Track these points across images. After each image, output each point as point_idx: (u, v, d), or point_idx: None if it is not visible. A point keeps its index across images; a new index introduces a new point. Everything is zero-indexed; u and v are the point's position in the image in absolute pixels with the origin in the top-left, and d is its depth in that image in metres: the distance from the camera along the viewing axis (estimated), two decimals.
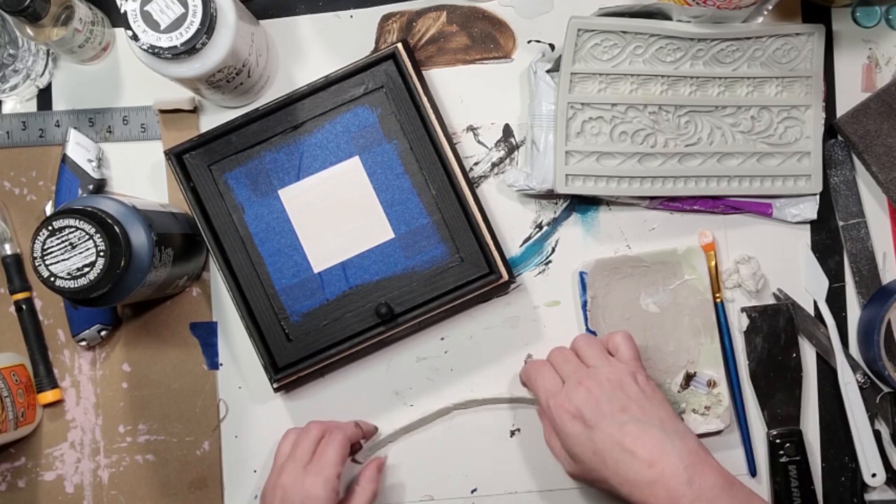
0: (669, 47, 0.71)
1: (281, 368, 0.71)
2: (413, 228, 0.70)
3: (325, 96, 0.71)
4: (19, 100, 0.77)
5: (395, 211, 0.71)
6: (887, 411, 0.73)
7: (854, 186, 0.75)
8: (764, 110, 0.73)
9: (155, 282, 0.65)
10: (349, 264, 0.70)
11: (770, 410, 0.73)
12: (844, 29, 0.76)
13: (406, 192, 0.70)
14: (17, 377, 0.73)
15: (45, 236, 0.60)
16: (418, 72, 0.71)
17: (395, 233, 0.70)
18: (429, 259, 0.70)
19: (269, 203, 0.71)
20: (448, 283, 0.70)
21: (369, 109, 0.71)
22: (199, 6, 0.62)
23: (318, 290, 0.70)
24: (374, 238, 0.70)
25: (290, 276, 0.71)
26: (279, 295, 0.71)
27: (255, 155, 0.71)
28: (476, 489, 0.74)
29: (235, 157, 0.71)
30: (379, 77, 0.71)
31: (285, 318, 0.71)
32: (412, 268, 0.70)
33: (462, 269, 0.70)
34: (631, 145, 0.72)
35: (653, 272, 0.74)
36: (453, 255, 0.70)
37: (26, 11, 0.65)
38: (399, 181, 0.70)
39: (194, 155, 0.71)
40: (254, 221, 0.71)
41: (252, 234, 0.71)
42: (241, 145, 0.71)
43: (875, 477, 0.72)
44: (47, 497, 0.75)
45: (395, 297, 0.70)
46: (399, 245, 0.70)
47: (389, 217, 0.70)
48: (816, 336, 0.74)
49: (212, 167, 0.71)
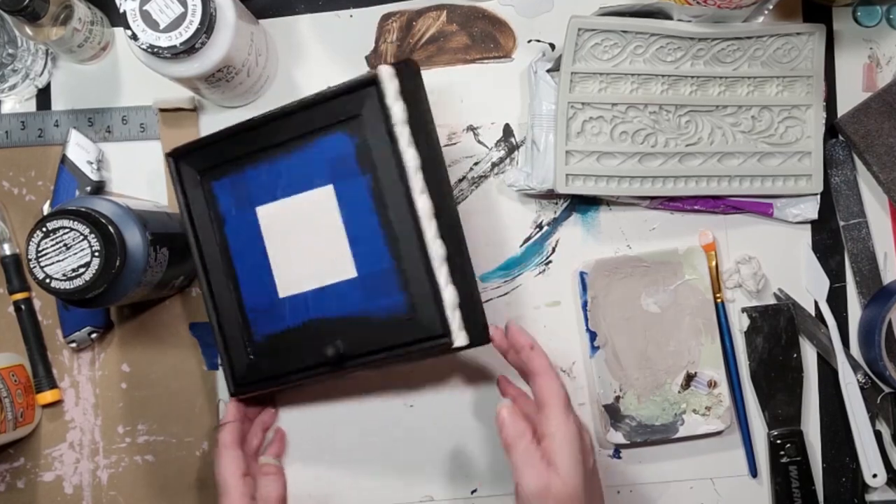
0: (670, 47, 0.71)
1: (240, 384, 0.69)
2: (375, 271, 0.64)
3: (310, 116, 0.65)
4: (18, 99, 0.76)
5: (361, 249, 0.65)
6: (888, 412, 0.73)
7: (855, 186, 0.75)
8: (765, 110, 0.73)
9: (151, 282, 0.65)
10: (312, 295, 0.66)
11: (771, 411, 0.73)
12: (845, 28, 0.76)
13: (373, 231, 0.64)
14: (16, 377, 0.72)
15: (40, 238, 0.60)
16: (413, 96, 0.63)
17: (358, 272, 0.65)
18: (385, 307, 0.64)
19: (247, 219, 0.67)
20: (400, 336, 0.64)
21: (348, 137, 0.64)
22: (199, 5, 0.62)
23: (282, 315, 0.67)
24: (337, 274, 0.65)
25: (259, 296, 0.68)
26: (247, 313, 0.68)
27: (240, 167, 0.67)
28: (476, 489, 0.74)
29: (224, 167, 0.68)
30: (359, 103, 0.64)
31: (249, 337, 0.68)
32: (368, 312, 0.65)
33: (414, 326, 0.63)
34: (631, 145, 0.72)
35: (653, 272, 0.73)
36: (409, 309, 0.64)
37: (25, 11, 0.65)
38: (368, 218, 0.64)
39: (190, 158, 0.69)
40: (233, 234, 0.68)
41: (230, 247, 0.68)
42: (230, 155, 0.68)
43: (876, 477, 0.72)
44: (46, 497, 0.75)
45: (350, 339, 0.65)
46: (360, 285, 0.65)
47: (354, 254, 0.65)
48: (817, 336, 0.74)
49: (203, 173, 0.68)
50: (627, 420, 0.73)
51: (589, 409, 0.74)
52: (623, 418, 0.73)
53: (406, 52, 0.76)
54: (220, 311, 0.69)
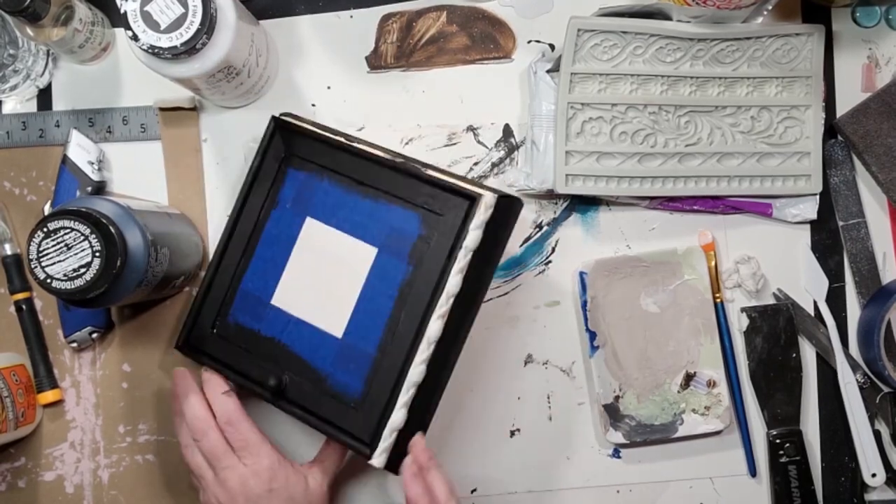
0: (669, 47, 0.71)
1: (189, 344, 0.69)
2: (357, 346, 0.64)
3: (406, 183, 0.64)
4: (19, 100, 0.77)
5: (359, 320, 0.64)
6: (887, 411, 0.73)
7: (854, 186, 0.75)
8: (764, 110, 0.73)
9: (152, 282, 0.65)
10: (295, 323, 0.66)
11: (770, 410, 0.73)
12: (844, 29, 0.76)
13: (380, 314, 0.63)
14: (17, 377, 0.73)
15: (41, 238, 0.60)
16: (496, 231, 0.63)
17: (343, 336, 0.64)
18: (342, 382, 0.64)
19: (294, 220, 0.67)
20: (335, 415, 0.64)
21: (419, 224, 0.63)
22: (199, 6, 0.62)
23: (262, 318, 0.67)
24: (328, 324, 0.65)
25: (256, 288, 0.68)
26: (237, 294, 0.68)
27: (320, 175, 0.67)
28: (476, 489, 0.74)
29: (308, 164, 0.68)
30: (448, 205, 0.63)
31: (225, 314, 0.68)
32: (327, 374, 0.65)
33: (351, 417, 0.63)
34: (631, 145, 0.72)
35: (653, 272, 0.74)
36: (358, 401, 0.63)
37: (26, 11, 0.65)
38: (383, 301, 0.64)
39: (288, 134, 0.68)
40: (274, 222, 0.68)
41: (264, 230, 0.68)
42: (319, 159, 0.67)
43: (875, 477, 0.72)
44: (47, 497, 0.75)
45: (296, 383, 0.65)
46: (337, 347, 0.64)
47: (351, 320, 0.64)
48: (816, 336, 0.74)
49: (289, 154, 0.68)
50: (627, 420, 0.73)
51: (588, 409, 0.74)
52: (622, 418, 0.73)
53: (406, 52, 0.76)
54: (218, 275, 0.69)
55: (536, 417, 0.74)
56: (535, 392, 0.74)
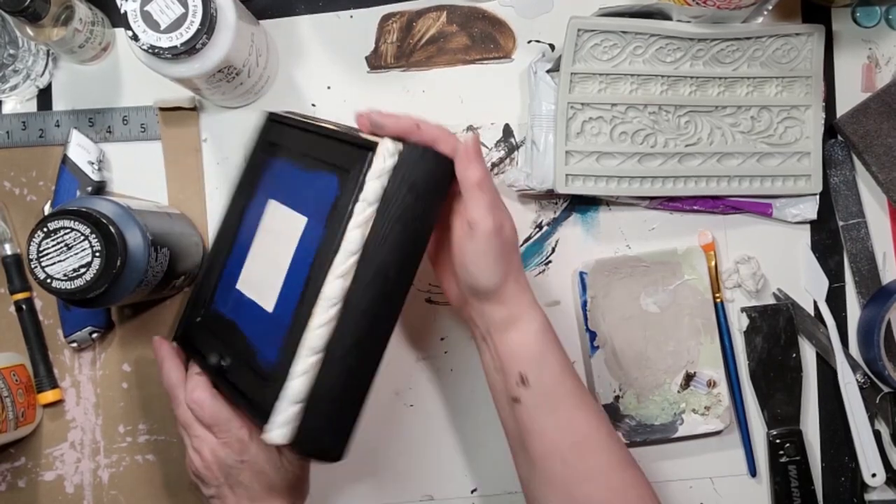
0: (669, 47, 0.71)
1: (182, 336, 0.69)
2: (279, 319, 0.60)
3: (329, 146, 0.61)
4: (19, 100, 0.77)
5: (285, 293, 0.60)
6: (887, 411, 0.73)
7: (854, 186, 0.75)
8: (764, 110, 0.74)
9: (152, 282, 0.65)
10: (246, 303, 0.63)
11: (770, 410, 0.73)
12: (844, 29, 0.76)
13: (298, 283, 0.58)
14: (17, 377, 0.73)
15: (41, 238, 0.60)
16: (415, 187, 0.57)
17: (273, 310, 0.60)
18: (265, 357, 0.59)
19: (261, 204, 0.66)
20: (251, 389, 0.59)
21: (337, 185, 0.59)
22: (199, 6, 0.62)
23: (227, 300, 0.65)
24: (264, 299, 0.62)
25: (230, 274, 0.66)
26: (219, 282, 0.67)
27: (282, 157, 0.66)
28: (476, 489, 0.74)
29: (277, 149, 0.66)
30: (352, 159, 0.58)
31: (210, 302, 0.67)
32: (256, 351, 0.60)
33: (258, 390, 0.58)
34: (631, 145, 0.72)
35: (653, 272, 0.74)
36: (267, 373, 0.58)
37: (26, 11, 0.65)
38: (302, 269, 0.59)
39: (272, 125, 0.67)
40: (252, 210, 0.67)
41: (243, 220, 0.67)
42: (283, 141, 0.66)
43: (875, 477, 0.72)
44: (47, 497, 0.75)
45: (235, 362, 0.62)
46: (267, 322, 0.60)
47: (280, 293, 0.60)
48: (816, 336, 0.74)
49: (271, 144, 0.67)
50: (627, 420, 0.73)
51: None
52: (623, 418, 0.73)
53: (406, 52, 0.76)
54: (209, 267, 0.69)
55: None
56: None
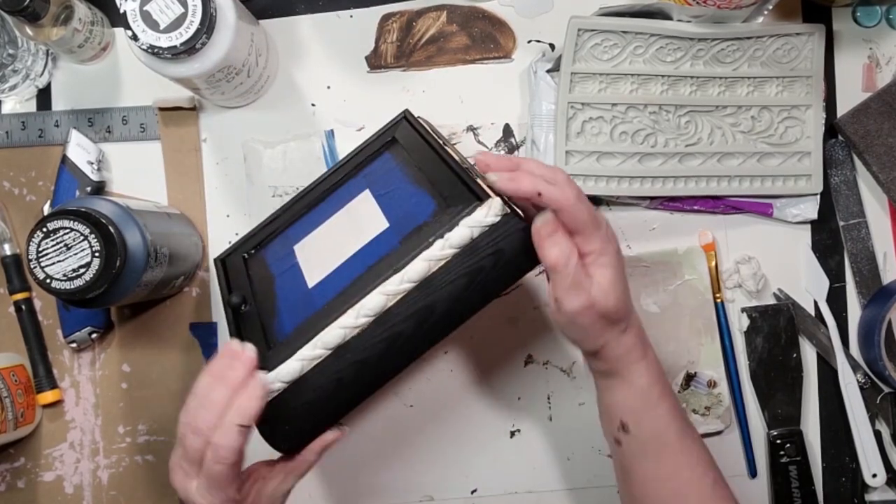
0: (670, 47, 0.71)
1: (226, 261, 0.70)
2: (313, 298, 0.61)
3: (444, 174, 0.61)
4: (19, 100, 0.76)
5: (332, 278, 0.61)
6: (888, 411, 0.73)
7: (854, 186, 0.75)
8: (764, 110, 0.73)
9: (151, 282, 0.65)
10: (293, 266, 0.64)
11: (770, 411, 0.73)
12: (845, 29, 0.76)
13: (347, 278, 0.60)
14: (16, 377, 0.72)
15: (40, 238, 0.60)
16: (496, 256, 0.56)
17: (312, 286, 0.62)
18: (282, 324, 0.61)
19: (357, 190, 0.66)
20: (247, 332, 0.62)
21: (432, 211, 0.59)
22: (199, 6, 0.62)
23: (278, 256, 0.66)
24: (310, 273, 0.63)
25: (294, 234, 0.68)
26: (282, 233, 0.69)
27: (398, 159, 0.66)
28: (476, 489, 0.74)
29: (399, 148, 0.67)
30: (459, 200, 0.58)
31: (263, 246, 0.69)
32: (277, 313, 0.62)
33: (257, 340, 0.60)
34: (631, 145, 0.72)
35: (653, 272, 0.73)
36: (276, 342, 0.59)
37: (26, 11, 0.65)
38: (358, 267, 0.60)
39: (403, 125, 0.68)
40: (346, 188, 0.68)
41: (335, 192, 0.68)
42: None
43: (875, 477, 0.72)
44: (47, 497, 0.75)
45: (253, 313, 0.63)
46: (300, 293, 0.62)
47: (328, 276, 0.62)
48: (817, 336, 0.74)
49: (391, 140, 0.68)
50: None
51: (589, 409, 0.74)
52: None
53: (406, 52, 0.76)
54: (283, 214, 0.70)
55: (537, 418, 0.74)
56: (536, 392, 0.74)
